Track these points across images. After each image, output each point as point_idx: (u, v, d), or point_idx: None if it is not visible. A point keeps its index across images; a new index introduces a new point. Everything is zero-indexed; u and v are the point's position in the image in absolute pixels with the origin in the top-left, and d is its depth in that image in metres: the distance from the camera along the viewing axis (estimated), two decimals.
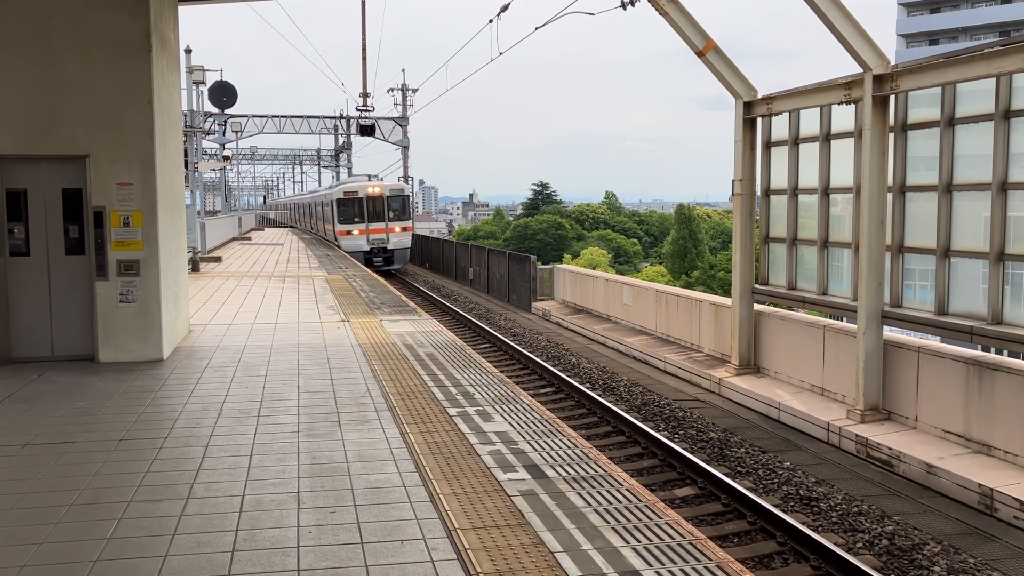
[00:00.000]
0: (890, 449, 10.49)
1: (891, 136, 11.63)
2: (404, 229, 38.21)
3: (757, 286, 14.77)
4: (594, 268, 53.44)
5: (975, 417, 10.20)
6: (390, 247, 37.63)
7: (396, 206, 38.27)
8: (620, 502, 5.60)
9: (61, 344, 10.74)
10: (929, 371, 10.96)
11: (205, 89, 32.97)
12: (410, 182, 47.92)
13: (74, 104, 10.36)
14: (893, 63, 11.41)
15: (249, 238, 46.87)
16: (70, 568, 4.74)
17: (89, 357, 10.72)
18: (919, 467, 9.99)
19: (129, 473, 6.36)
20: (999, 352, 11.83)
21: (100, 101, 10.41)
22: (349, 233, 37.38)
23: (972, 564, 7.87)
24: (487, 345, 19.89)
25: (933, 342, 12.09)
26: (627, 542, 4.95)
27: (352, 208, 37.74)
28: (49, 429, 7.60)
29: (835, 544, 8.09)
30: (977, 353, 10.84)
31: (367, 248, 37.00)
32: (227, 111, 36.47)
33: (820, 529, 8.75)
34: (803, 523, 8.71)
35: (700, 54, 14.08)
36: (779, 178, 14.36)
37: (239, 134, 44.54)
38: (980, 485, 9.15)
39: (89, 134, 10.41)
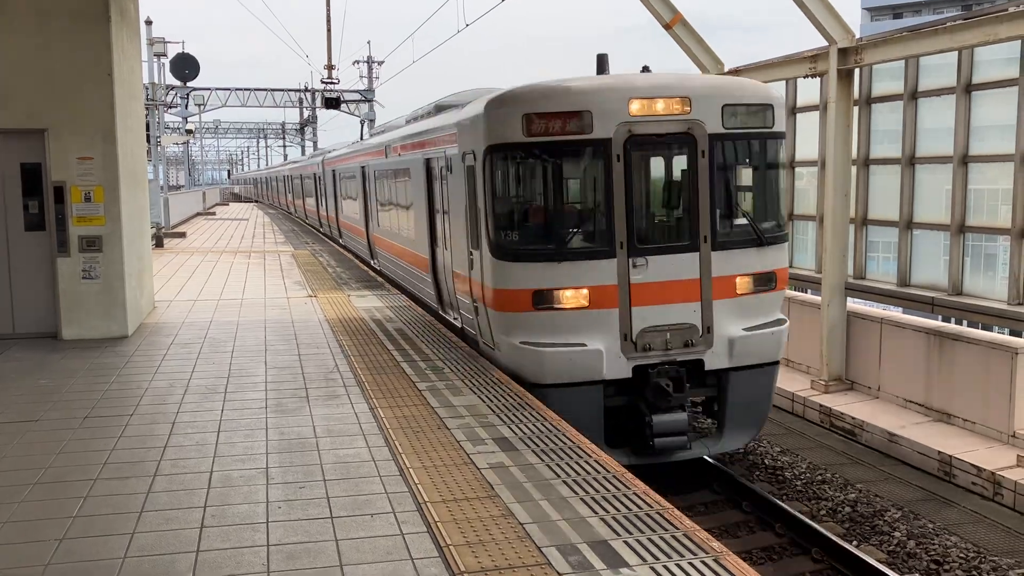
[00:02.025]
0: (853, 419, 10.67)
1: (855, 109, 11.73)
2: (767, 280, 8.87)
3: None
4: None
5: (935, 386, 10.39)
6: (730, 361, 8.63)
7: (751, 167, 9.12)
8: (589, 473, 5.65)
9: (23, 321, 10.57)
10: (891, 341, 11.13)
11: (167, 61, 32.41)
12: None
13: (31, 76, 10.12)
14: (858, 36, 11.48)
15: (214, 213, 46.36)
16: (35, 547, 4.69)
17: (52, 334, 10.56)
18: (881, 436, 10.18)
19: (94, 451, 6.30)
20: (959, 322, 12.05)
21: (58, 73, 10.18)
22: (546, 297, 8.36)
23: (931, 529, 8.06)
24: None
25: (895, 313, 12.28)
26: (595, 512, 5.00)
27: (570, 186, 8.89)
28: (11, 408, 7.50)
29: (799, 512, 8.23)
30: (937, 323, 11.03)
31: (626, 372, 8.41)
32: (189, 83, 35.88)
33: (785, 497, 8.89)
34: (768, 492, 8.85)
35: (667, 27, 14.05)
36: None
37: (202, 107, 43.86)
38: (940, 452, 9.35)
39: (47, 107, 10.18)
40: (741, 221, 8.86)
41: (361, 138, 29.77)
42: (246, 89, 46.10)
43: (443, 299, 11.29)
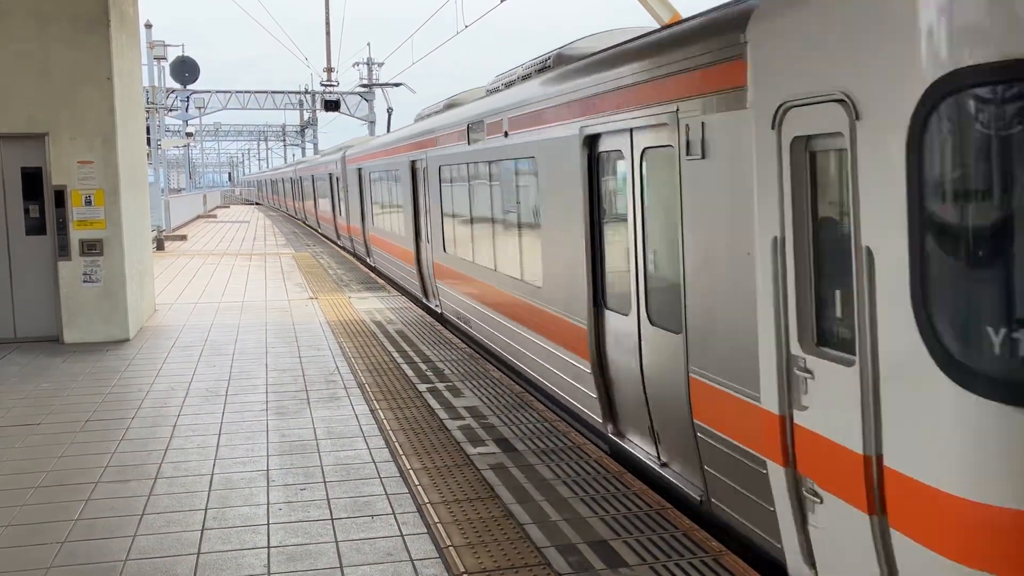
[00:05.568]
0: None
1: None
2: None
3: None
4: None
5: None
6: None
7: None
8: (588, 473, 5.66)
9: (24, 325, 10.61)
10: None
11: (167, 65, 32.46)
12: None
13: (31, 81, 10.17)
14: None
15: (215, 216, 46.43)
16: (37, 550, 4.72)
17: (53, 338, 10.59)
18: None
19: (96, 454, 6.32)
20: None
21: (58, 78, 10.21)
22: None
23: None
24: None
25: None
26: (595, 512, 5.02)
27: None
28: (13, 412, 7.52)
29: None
30: None
31: None
32: (189, 87, 35.91)
33: None
34: None
35: (666, 27, 14.06)
36: None
37: (202, 110, 43.94)
38: None
39: (47, 112, 10.22)
40: None
41: (388, 130, 26.08)
42: (246, 92, 46.15)
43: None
